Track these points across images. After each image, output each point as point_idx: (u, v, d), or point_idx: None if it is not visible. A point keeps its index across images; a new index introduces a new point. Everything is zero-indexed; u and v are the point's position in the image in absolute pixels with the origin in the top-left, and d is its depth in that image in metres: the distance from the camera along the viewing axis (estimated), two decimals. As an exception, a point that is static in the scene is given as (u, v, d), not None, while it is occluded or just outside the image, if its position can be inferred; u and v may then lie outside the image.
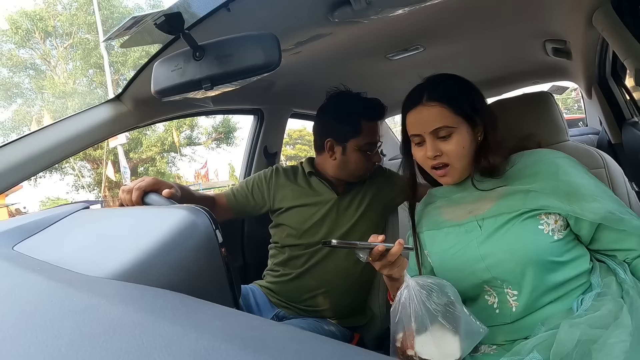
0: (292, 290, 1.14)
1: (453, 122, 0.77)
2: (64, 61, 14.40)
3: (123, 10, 14.82)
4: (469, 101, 0.79)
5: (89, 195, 14.37)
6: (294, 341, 0.27)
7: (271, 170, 1.22)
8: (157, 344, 0.25)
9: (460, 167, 0.79)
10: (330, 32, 0.98)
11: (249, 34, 0.59)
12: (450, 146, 0.77)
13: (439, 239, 0.83)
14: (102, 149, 13.14)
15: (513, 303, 0.73)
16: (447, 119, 0.76)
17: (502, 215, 0.75)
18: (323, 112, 1.19)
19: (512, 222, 0.74)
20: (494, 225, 0.75)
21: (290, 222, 1.15)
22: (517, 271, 0.72)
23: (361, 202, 1.17)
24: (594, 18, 0.96)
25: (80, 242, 0.57)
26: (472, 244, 0.77)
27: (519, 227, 0.73)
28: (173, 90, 0.66)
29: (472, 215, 0.79)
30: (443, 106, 0.77)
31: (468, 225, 0.79)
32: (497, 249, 0.74)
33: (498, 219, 0.75)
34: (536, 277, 0.71)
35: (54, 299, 0.34)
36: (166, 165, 14.92)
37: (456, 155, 0.77)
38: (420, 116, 0.79)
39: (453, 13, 1.05)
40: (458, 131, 0.77)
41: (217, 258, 0.50)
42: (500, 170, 0.79)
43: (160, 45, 0.86)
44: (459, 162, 0.78)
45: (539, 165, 0.77)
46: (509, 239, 0.73)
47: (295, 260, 1.14)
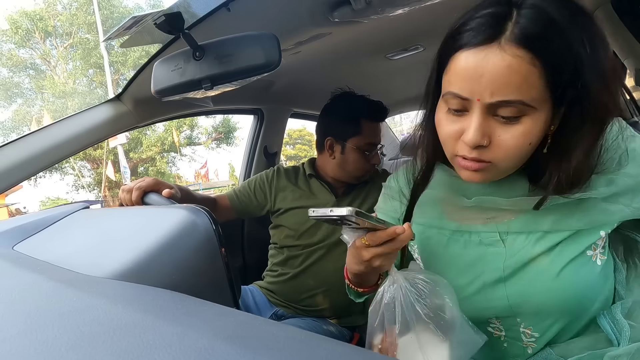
0: (290, 290, 1.15)
1: (537, 94, 0.43)
2: (64, 61, 14.41)
3: (123, 10, 14.82)
4: (580, 63, 0.43)
5: (89, 195, 14.39)
6: (293, 341, 0.27)
7: (273, 171, 1.23)
8: (157, 343, 0.25)
9: (506, 168, 0.49)
10: (330, 32, 0.98)
11: (249, 33, 0.59)
12: (509, 133, 0.45)
13: (439, 246, 0.59)
14: (102, 149, 13.15)
15: (529, 344, 0.55)
16: (532, 90, 0.43)
17: (534, 235, 0.51)
18: (326, 112, 1.21)
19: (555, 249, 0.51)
20: (525, 247, 0.52)
21: (288, 224, 1.16)
22: (551, 319, 0.53)
23: (361, 205, 1.16)
24: (594, 18, 0.96)
25: (80, 242, 0.57)
26: (493, 273, 0.53)
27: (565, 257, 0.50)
28: (173, 90, 0.66)
29: (492, 221, 0.54)
30: (536, 64, 0.42)
31: (486, 237, 0.55)
32: (533, 289, 0.51)
33: (530, 237, 0.52)
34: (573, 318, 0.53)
35: (54, 299, 0.34)
36: (166, 165, 14.93)
37: (510, 151, 0.46)
38: (486, 66, 0.43)
39: (453, 13, 1.05)
40: (537, 113, 0.45)
41: (217, 258, 0.50)
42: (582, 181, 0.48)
43: (160, 45, 0.86)
44: (507, 163, 0.48)
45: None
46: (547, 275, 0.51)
47: (293, 260, 1.15)
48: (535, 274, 0.51)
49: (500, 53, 0.42)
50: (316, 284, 1.13)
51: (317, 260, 1.12)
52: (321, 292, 1.12)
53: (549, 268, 0.51)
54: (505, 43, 0.42)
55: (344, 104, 1.16)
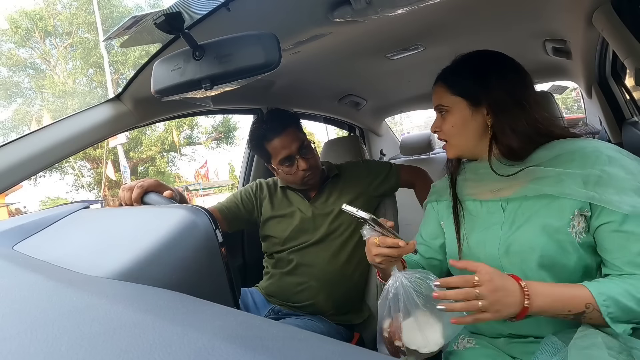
0: (282, 287, 1.19)
1: (448, 101, 0.79)
2: (63, 60, 14.40)
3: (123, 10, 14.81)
4: (471, 81, 0.77)
5: (89, 195, 14.38)
6: (293, 341, 0.27)
7: (255, 185, 1.31)
8: (157, 343, 0.25)
9: (457, 145, 0.80)
10: (330, 32, 0.98)
11: (248, 33, 0.59)
12: (445, 124, 0.80)
13: (464, 215, 0.82)
14: (102, 149, 13.14)
15: None
16: (443, 98, 0.80)
17: (527, 201, 0.72)
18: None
19: (537, 211, 0.70)
20: (517, 211, 0.73)
21: (273, 232, 1.22)
22: (530, 266, 0.69)
23: (337, 199, 1.21)
24: (594, 18, 0.96)
25: (80, 242, 0.57)
26: (495, 229, 0.75)
27: (543, 218, 0.69)
28: (173, 90, 0.66)
29: (496, 195, 0.77)
30: (442, 86, 0.80)
31: (490, 205, 0.77)
32: (517, 243, 0.71)
33: (523, 203, 0.72)
34: (550, 276, 0.68)
35: (54, 298, 0.34)
36: (166, 164, 14.92)
37: (449, 133, 0.80)
38: (433, 95, 0.83)
39: (453, 13, 1.05)
40: (452, 110, 0.79)
41: (217, 258, 0.50)
42: (519, 155, 0.74)
43: (160, 44, 0.86)
44: (454, 140, 0.80)
45: (580, 151, 0.69)
46: (531, 234, 0.69)
47: (282, 262, 1.21)
48: (520, 227, 0.71)
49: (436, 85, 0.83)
50: (305, 281, 1.16)
51: (303, 258, 1.17)
52: (308, 288, 1.16)
53: (529, 223, 0.70)
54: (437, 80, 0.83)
55: (251, 134, 1.20)
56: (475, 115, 0.77)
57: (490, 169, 0.77)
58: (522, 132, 0.73)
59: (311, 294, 1.15)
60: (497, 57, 0.80)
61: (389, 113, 2.57)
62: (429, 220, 0.92)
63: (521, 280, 0.63)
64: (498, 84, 0.75)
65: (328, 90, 1.75)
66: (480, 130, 0.77)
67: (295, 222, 1.20)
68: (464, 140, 0.79)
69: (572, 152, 0.70)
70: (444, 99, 0.79)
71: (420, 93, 2.07)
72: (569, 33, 1.25)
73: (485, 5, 1.04)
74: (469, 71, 0.79)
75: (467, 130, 0.78)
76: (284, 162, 1.14)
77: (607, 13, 0.92)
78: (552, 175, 0.69)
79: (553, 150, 0.72)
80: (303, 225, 1.19)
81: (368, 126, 2.49)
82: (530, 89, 0.78)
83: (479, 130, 0.77)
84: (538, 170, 0.71)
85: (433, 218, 0.91)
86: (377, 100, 2.14)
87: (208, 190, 17.57)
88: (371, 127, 2.52)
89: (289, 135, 1.13)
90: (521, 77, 0.77)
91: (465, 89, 0.77)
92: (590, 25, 1.00)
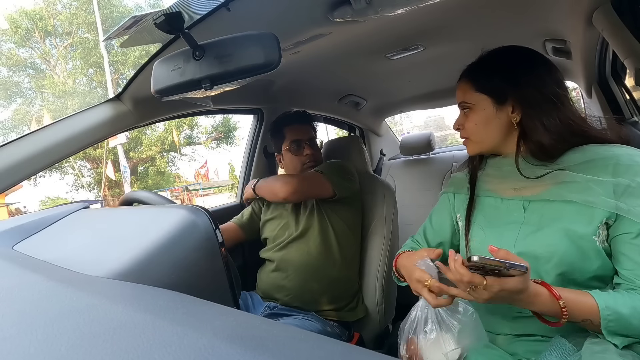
0: (270, 284, 1.25)
1: (472, 98, 0.78)
2: (63, 60, 14.39)
3: (123, 10, 14.80)
4: (498, 78, 0.75)
5: (89, 195, 14.37)
6: (293, 341, 0.27)
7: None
8: (157, 343, 0.25)
9: (479, 142, 0.80)
10: (330, 32, 0.98)
11: (248, 33, 0.59)
12: (468, 122, 0.79)
13: (476, 209, 0.82)
14: (102, 149, 13.14)
15: None
16: (467, 95, 0.79)
17: (551, 204, 0.69)
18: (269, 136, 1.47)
19: (561, 214, 0.67)
20: (539, 212, 0.71)
21: (266, 234, 1.35)
22: (544, 268, 0.68)
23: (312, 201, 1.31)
24: (594, 18, 0.96)
25: (80, 242, 0.57)
26: (513, 226, 0.73)
27: (567, 223, 0.66)
28: (173, 90, 0.66)
29: (518, 193, 0.75)
30: (467, 82, 0.79)
31: (510, 205, 0.76)
32: (535, 243, 0.69)
33: (547, 205, 0.70)
34: (562, 281, 0.67)
35: (54, 298, 0.34)
36: (166, 164, 14.92)
37: (471, 131, 0.79)
38: (457, 91, 0.82)
39: (453, 13, 1.05)
40: (475, 108, 0.78)
41: (217, 258, 0.50)
42: (546, 155, 0.72)
43: (160, 44, 0.86)
44: (476, 137, 0.79)
45: (615, 159, 0.66)
46: (552, 237, 0.67)
47: (270, 260, 1.30)
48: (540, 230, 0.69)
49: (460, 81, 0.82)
50: (286, 275, 1.23)
51: (285, 253, 1.26)
52: (290, 280, 1.22)
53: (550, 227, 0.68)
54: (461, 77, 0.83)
55: (273, 123, 1.44)
56: (499, 113, 0.75)
57: (516, 167, 0.74)
58: (554, 129, 0.70)
59: (294, 285, 1.20)
60: (525, 52, 0.77)
61: (389, 113, 2.57)
62: (441, 209, 0.92)
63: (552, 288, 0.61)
64: (527, 80, 0.72)
65: (328, 90, 1.75)
66: (504, 128, 0.76)
67: (281, 220, 1.32)
68: (486, 139, 0.78)
69: (606, 158, 0.66)
70: (467, 95, 0.78)
71: (420, 93, 2.07)
72: (569, 33, 1.25)
73: (485, 5, 1.04)
74: (496, 67, 0.77)
75: (490, 128, 0.77)
76: (293, 143, 1.34)
77: (607, 13, 0.92)
78: (579, 181, 0.67)
79: (586, 154, 0.69)
80: (286, 222, 1.30)
81: (368, 126, 2.49)
82: (562, 84, 0.75)
83: (502, 128, 0.76)
84: (565, 174, 0.69)
85: (446, 209, 0.91)
86: (377, 100, 2.14)
87: (208, 190, 17.56)
88: (371, 127, 2.52)
89: (306, 127, 1.38)
90: (551, 73, 0.74)
91: (491, 85, 0.75)
92: (590, 25, 1.00)
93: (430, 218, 0.94)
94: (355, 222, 1.32)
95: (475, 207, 0.82)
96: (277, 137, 1.40)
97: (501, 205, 0.78)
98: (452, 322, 0.72)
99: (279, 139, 1.38)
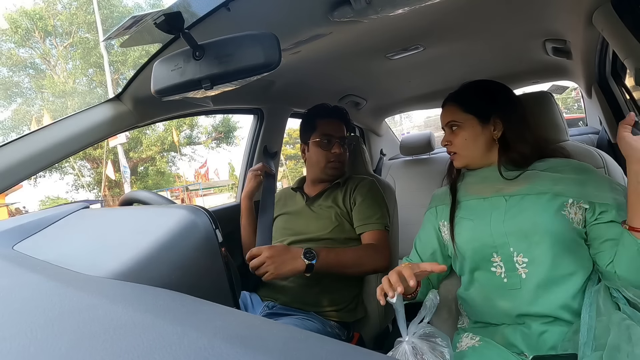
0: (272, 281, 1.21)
1: (460, 118, 0.92)
2: (63, 60, 14.39)
3: (123, 10, 14.81)
4: (483, 102, 0.92)
5: (88, 195, 14.37)
6: (293, 341, 0.27)
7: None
8: (157, 343, 0.25)
9: (466, 156, 0.93)
10: (330, 32, 0.98)
11: (248, 33, 0.59)
12: (457, 138, 0.93)
13: (461, 210, 0.93)
14: (102, 149, 13.14)
15: (522, 270, 0.81)
16: (455, 115, 0.93)
17: (528, 196, 0.84)
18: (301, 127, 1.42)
19: (537, 201, 0.82)
20: (519, 202, 0.84)
21: (275, 229, 1.33)
22: (534, 240, 0.80)
23: (332, 202, 1.29)
24: (594, 17, 0.96)
25: (80, 242, 0.57)
26: (497, 216, 0.85)
27: (543, 205, 0.81)
28: (173, 90, 0.66)
29: (499, 192, 0.88)
30: (454, 105, 0.94)
31: (493, 200, 0.88)
32: (521, 221, 0.81)
33: (525, 197, 0.84)
34: (551, 247, 0.78)
35: (54, 298, 0.34)
36: (166, 164, 14.92)
37: (461, 146, 0.93)
38: (443, 112, 0.97)
39: (453, 13, 1.05)
40: (464, 126, 0.92)
41: (217, 258, 0.50)
42: (525, 162, 0.89)
43: (160, 44, 0.86)
44: (464, 151, 0.93)
45: (571, 164, 0.86)
46: (533, 214, 0.81)
47: None
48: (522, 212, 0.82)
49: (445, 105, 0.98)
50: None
51: None
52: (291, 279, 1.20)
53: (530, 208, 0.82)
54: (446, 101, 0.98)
55: (305, 114, 1.41)
56: (484, 130, 0.91)
57: (497, 173, 0.90)
58: (531, 141, 0.90)
59: (295, 286, 1.19)
60: (500, 85, 0.95)
61: (389, 113, 2.57)
62: (426, 224, 1.03)
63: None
64: (505, 104, 0.91)
65: (328, 90, 1.75)
66: (487, 143, 0.91)
67: (293, 218, 1.31)
68: (473, 152, 0.92)
69: (563, 164, 0.86)
70: (456, 115, 0.93)
71: (420, 93, 2.07)
72: (569, 33, 1.25)
73: (486, 5, 1.04)
74: (480, 93, 0.94)
75: (477, 143, 0.92)
76: (323, 138, 1.30)
77: (607, 13, 0.91)
78: (547, 178, 0.84)
79: (547, 163, 0.88)
80: (297, 221, 1.29)
81: (368, 126, 2.49)
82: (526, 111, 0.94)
83: (486, 143, 0.91)
84: (536, 174, 0.86)
85: (430, 222, 1.01)
86: (377, 100, 2.14)
87: (208, 190, 17.57)
88: (371, 127, 2.52)
89: (341, 125, 1.34)
90: (519, 100, 0.94)
91: (477, 107, 0.91)
92: (590, 25, 1.00)
93: (419, 236, 1.03)
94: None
95: (459, 209, 0.93)
96: (307, 127, 1.35)
97: (484, 202, 0.89)
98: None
99: (309, 129, 1.33)
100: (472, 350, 0.80)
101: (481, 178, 0.93)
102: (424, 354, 0.69)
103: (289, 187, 1.46)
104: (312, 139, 1.31)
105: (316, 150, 1.31)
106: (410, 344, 0.70)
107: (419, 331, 0.72)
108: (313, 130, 1.31)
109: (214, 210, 1.56)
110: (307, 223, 1.28)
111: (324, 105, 1.39)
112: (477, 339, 0.82)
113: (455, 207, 0.94)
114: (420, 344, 0.70)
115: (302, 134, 1.38)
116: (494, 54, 1.49)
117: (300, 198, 1.36)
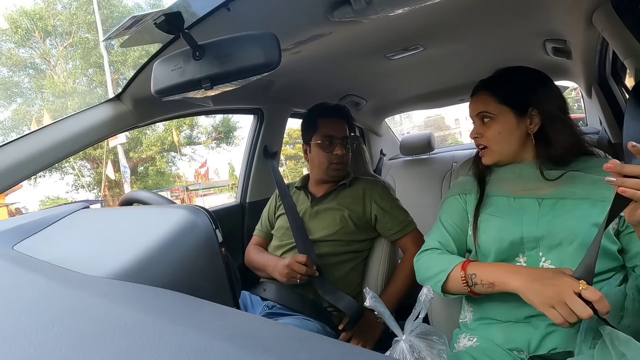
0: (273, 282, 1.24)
1: (494, 109, 0.84)
2: (63, 60, 14.38)
3: (123, 10, 14.80)
4: (520, 93, 0.82)
5: (88, 195, 14.37)
6: (293, 341, 0.27)
7: (276, 193, 1.43)
8: (157, 343, 0.25)
9: (498, 151, 0.85)
10: (330, 32, 0.98)
11: (248, 33, 0.59)
12: (489, 131, 0.85)
13: (489, 205, 0.85)
14: (102, 149, 13.13)
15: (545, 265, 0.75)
16: (489, 106, 0.85)
17: (566, 200, 0.76)
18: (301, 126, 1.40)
19: (578, 207, 0.74)
20: (556, 206, 0.76)
21: (276, 231, 1.34)
22: (567, 250, 0.73)
23: (339, 203, 1.28)
24: (594, 17, 0.96)
25: (80, 242, 0.57)
26: (530, 219, 0.77)
27: (584, 212, 0.73)
28: (173, 90, 0.66)
29: (530, 192, 0.81)
30: (486, 94, 0.86)
31: (524, 201, 0.81)
32: (557, 226, 0.74)
33: (562, 202, 0.76)
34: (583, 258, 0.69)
35: (54, 298, 0.34)
36: (166, 164, 14.91)
37: (493, 139, 0.85)
38: (473, 102, 0.89)
39: (453, 13, 1.05)
40: (497, 118, 0.84)
41: (217, 258, 0.50)
42: (565, 161, 0.80)
43: (160, 44, 0.86)
44: (496, 146, 0.85)
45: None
46: (573, 222, 0.72)
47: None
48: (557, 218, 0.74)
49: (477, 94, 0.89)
50: None
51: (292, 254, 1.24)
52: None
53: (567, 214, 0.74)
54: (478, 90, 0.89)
55: (306, 114, 1.38)
56: (520, 124, 0.82)
57: (535, 171, 0.82)
58: (572, 138, 0.81)
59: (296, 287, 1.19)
60: (536, 70, 0.86)
61: (389, 113, 2.57)
62: (454, 210, 0.92)
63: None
64: (547, 94, 0.82)
65: (328, 90, 1.75)
66: (522, 138, 0.83)
67: (294, 218, 1.28)
68: (507, 147, 0.84)
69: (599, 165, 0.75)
70: (489, 106, 0.84)
71: (420, 93, 2.07)
72: (569, 33, 1.25)
73: (486, 5, 1.04)
74: (517, 81, 0.84)
75: (511, 137, 0.83)
76: (325, 139, 1.27)
77: (607, 13, 0.91)
78: (588, 180, 0.75)
79: (588, 162, 0.80)
80: (298, 222, 1.28)
81: (368, 126, 2.50)
82: (565, 99, 0.84)
83: (521, 138, 0.83)
84: (577, 174, 0.78)
85: (459, 208, 0.91)
86: (377, 100, 2.14)
87: (208, 190, 17.56)
88: (371, 127, 2.52)
89: (343, 124, 1.30)
90: (558, 89, 0.84)
91: (514, 98, 0.82)
92: (590, 25, 1.00)
93: (446, 218, 0.93)
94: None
95: (485, 205, 0.86)
96: (308, 127, 1.32)
97: (514, 202, 0.82)
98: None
99: (311, 129, 1.31)
100: (470, 350, 0.79)
101: (515, 174, 0.85)
102: (421, 352, 0.69)
103: (293, 184, 1.44)
104: (313, 140, 1.30)
105: (318, 151, 1.29)
106: (407, 342, 0.70)
107: (415, 329, 0.72)
108: (315, 131, 1.29)
109: (214, 210, 1.57)
110: (312, 224, 1.27)
111: (326, 104, 1.37)
112: (474, 340, 0.81)
113: (482, 201, 0.86)
114: (418, 342, 0.70)
115: (304, 134, 1.35)
116: (494, 54, 1.49)
117: (305, 198, 1.35)
